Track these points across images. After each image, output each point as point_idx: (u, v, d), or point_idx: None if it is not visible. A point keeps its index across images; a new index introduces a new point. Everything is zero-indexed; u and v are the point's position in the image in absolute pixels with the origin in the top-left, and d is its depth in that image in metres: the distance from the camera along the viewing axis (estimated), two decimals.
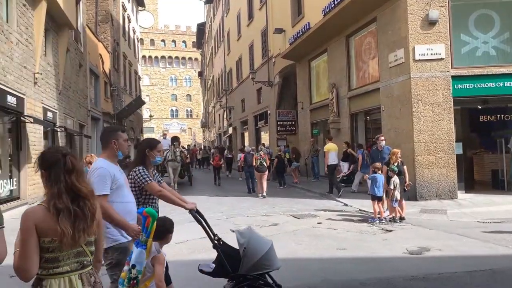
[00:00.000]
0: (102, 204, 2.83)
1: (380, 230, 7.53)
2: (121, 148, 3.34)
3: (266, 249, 3.21)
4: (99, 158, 3.33)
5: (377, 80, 12.04)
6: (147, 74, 70.12)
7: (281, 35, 18.89)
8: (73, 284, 1.95)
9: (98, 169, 3.15)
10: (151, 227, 2.89)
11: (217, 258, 3.40)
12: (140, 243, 2.89)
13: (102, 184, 3.05)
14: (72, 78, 16.52)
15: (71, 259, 1.97)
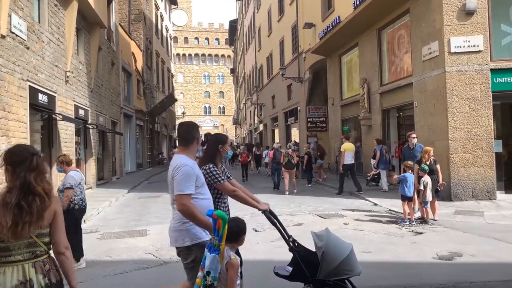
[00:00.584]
0: (185, 203, 2.88)
1: (410, 232, 7.16)
2: (198, 145, 3.23)
3: (346, 253, 3.04)
4: (181, 155, 3.12)
5: (410, 75, 11.52)
6: (181, 72, 71.24)
7: (311, 30, 18.54)
8: (26, 272, 2.10)
9: (183, 167, 2.97)
10: (222, 231, 2.71)
11: (293, 261, 3.23)
12: (212, 248, 2.75)
13: (187, 183, 2.94)
14: (104, 76, 16.88)
15: (22, 249, 2.12)
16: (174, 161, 3.09)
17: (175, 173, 2.97)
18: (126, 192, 14.04)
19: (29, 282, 2.09)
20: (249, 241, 6.68)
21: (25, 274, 2.10)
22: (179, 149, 3.24)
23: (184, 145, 3.19)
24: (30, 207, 2.10)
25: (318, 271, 2.98)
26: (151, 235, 7.34)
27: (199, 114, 72.16)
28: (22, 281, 2.08)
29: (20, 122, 8.74)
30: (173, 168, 3.02)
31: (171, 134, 40.14)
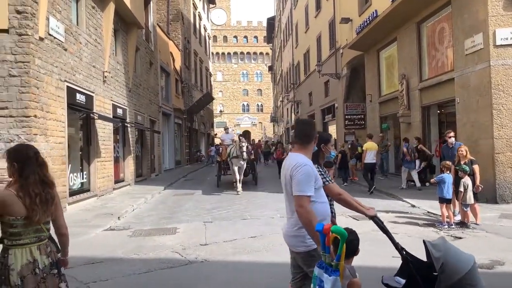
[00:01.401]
0: (304, 205, 2.70)
1: (448, 237, 6.74)
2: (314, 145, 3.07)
3: (469, 266, 2.69)
4: (298, 154, 2.91)
5: (452, 70, 10.92)
6: (220, 71, 71.97)
7: (348, 25, 18.08)
8: (33, 253, 2.48)
9: (303, 166, 2.78)
10: (341, 249, 2.40)
11: (403, 272, 2.94)
12: (330, 269, 2.43)
13: (307, 183, 2.74)
14: (142, 76, 17.27)
15: (31, 234, 2.49)
16: (290, 160, 2.90)
17: (295, 172, 2.77)
18: (162, 189, 14.30)
19: (35, 262, 2.47)
20: (277, 242, 6.55)
21: (32, 255, 2.48)
22: (295, 148, 3.03)
23: (302, 143, 2.97)
24: (46, 197, 2.53)
25: (436, 285, 2.65)
26: (179, 233, 7.38)
27: (238, 112, 72.63)
28: (30, 261, 2.46)
29: (58, 121, 9.07)
30: (291, 167, 2.82)
31: (209, 132, 40.64)
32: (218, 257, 5.79)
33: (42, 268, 2.48)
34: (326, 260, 2.48)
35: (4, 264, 2.44)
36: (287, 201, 2.92)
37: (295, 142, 3.03)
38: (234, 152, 13.27)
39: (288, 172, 2.85)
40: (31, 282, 2.42)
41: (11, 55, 7.85)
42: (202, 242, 6.64)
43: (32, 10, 8.03)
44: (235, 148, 13.35)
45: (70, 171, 10.14)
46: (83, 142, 11.33)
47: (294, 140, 3.02)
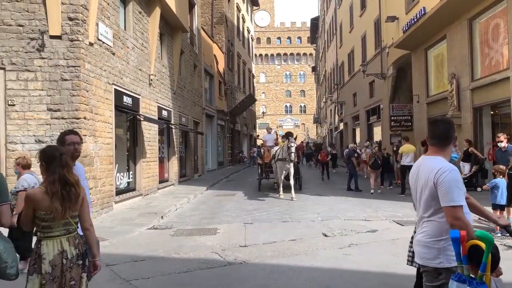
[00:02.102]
0: (460, 217, 2.40)
1: (501, 246, 6.33)
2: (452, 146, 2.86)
3: None
4: (438, 158, 2.63)
5: (507, 68, 10.28)
6: (263, 72, 72.31)
7: (394, 23, 17.52)
8: (63, 244, 2.71)
9: (451, 171, 2.48)
10: (486, 257, 2.14)
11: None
12: (475, 282, 2.18)
13: (458, 192, 2.44)
14: (187, 79, 17.67)
15: (60, 227, 2.72)
16: (430, 165, 2.61)
17: (441, 178, 2.47)
18: (205, 189, 14.54)
19: (64, 252, 2.70)
20: (316, 246, 6.47)
21: (62, 246, 2.70)
22: (430, 150, 2.74)
23: (441, 145, 2.68)
24: (69, 195, 2.72)
25: None
26: (220, 234, 7.45)
27: (280, 113, 72.62)
28: (60, 251, 2.69)
29: (106, 123, 9.45)
30: (435, 172, 2.52)
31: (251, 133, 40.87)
32: (257, 259, 5.77)
33: (70, 258, 2.71)
34: (465, 272, 2.23)
35: (38, 254, 2.69)
36: (421, 208, 2.65)
37: (431, 144, 2.74)
38: (280, 154, 12.05)
39: (430, 177, 2.56)
40: (58, 271, 2.66)
41: (64, 60, 8.27)
42: (241, 244, 6.65)
43: (83, 16, 8.42)
44: (281, 150, 12.15)
45: (117, 170, 10.53)
46: (129, 143, 11.74)
47: (431, 141, 2.74)
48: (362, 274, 5.08)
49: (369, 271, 5.15)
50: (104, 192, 9.30)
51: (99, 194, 9.01)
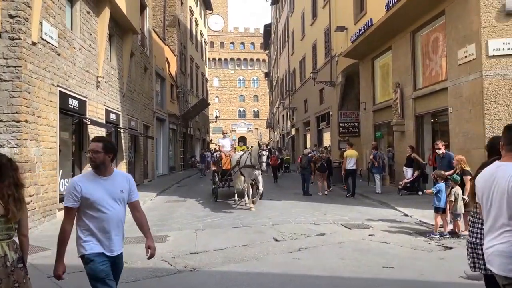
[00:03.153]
0: None
1: (439, 246, 6.73)
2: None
3: None
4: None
5: (445, 79, 10.99)
6: (217, 76, 72.16)
7: (343, 33, 18.18)
8: (3, 248, 2.72)
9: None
10: None
11: None
12: None
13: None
14: (137, 81, 17.24)
15: (3, 231, 2.73)
16: (507, 170, 2.47)
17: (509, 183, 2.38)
18: (155, 195, 14.21)
19: (5, 256, 2.71)
20: (267, 251, 6.53)
21: (4, 250, 2.72)
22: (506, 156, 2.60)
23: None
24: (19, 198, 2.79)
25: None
26: (170, 241, 7.32)
27: (234, 117, 72.73)
28: (1, 255, 2.70)
29: (49, 126, 9.00)
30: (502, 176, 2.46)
31: (204, 138, 40.55)
32: (208, 266, 5.73)
33: (11, 262, 2.73)
34: None
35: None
36: (501, 216, 2.50)
37: (508, 150, 2.62)
38: (248, 160, 10.91)
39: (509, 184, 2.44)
40: (2, 274, 2.68)
41: (3, 59, 7.78)
42: (192, 251, 6.58)
43: (25, 14, 7.99)
44: (249, 156, 11.00)
45: (61, 176, 10.04)
46: (75, 147, 11.25)
47: (508, 147, 2.61)
48: (313, 278, 5.19)
49: (319, 275, 5.27)
50: (47, 199, 8.84)
51: (41, 201, 8.55)
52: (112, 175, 3.09)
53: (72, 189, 2.93)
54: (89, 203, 2.95)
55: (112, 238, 3.03)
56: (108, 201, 3.00)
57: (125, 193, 3.14)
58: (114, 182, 3.07)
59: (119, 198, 3.07)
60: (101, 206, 2.97)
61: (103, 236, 3.01)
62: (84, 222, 3.00)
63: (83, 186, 2.94)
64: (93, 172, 3.06)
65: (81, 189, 2.93)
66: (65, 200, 2.96)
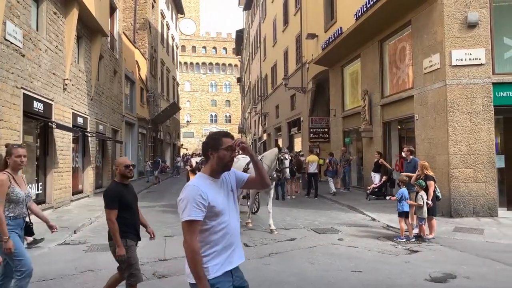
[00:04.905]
0: None
1: (405, 250, 6.91)
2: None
3: None
4: None
5: (411, 87, 11.34)
6: (188, 80, 71.57)
7: (314, 40, 18.45)
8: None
9: None
10: None
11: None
12: None
13: None
14: (105, 84, 16.87)
15: None
16: None
17: None
18: None
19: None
20: None
21: None
22: None
23: None
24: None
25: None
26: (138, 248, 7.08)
27: (205, 122, 72.28)
28: None
29: (12, 130, 8.66)
30: None
31: (175, 142, 40.08)
32: (177, 273, 5.64)
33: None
34: None
35: None
36: None
37: None
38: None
39: None
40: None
41: None
42: (161, 258, 6.47)
43: None
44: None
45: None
46: (39, 152, 10.87)
47: None
48: (282, 283, 5.20)
49: (288, 280, 5.29)
50: None
51: None
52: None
53: (198, 197, 2.33)
54: (214, 212, 2.41)
55: (235, 250, 2.55)
56: (228, 207, 2.52)
57: (234, 190, 2.63)
58: (223, 183, 2.58)
59: (233, 201, 2.61)
60: (224, 215, 2.47)
61: (226, 252, 2.49)
62: (204, 237, 2.43)
63: (208, 193, 2.39)
64: (205, 174, 2.51)
65: (207, 196, 2.37)
66: (187, 212, 2.32)
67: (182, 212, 2.35)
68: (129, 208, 4.01)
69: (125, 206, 3.97)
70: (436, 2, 10.00)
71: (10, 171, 3.90)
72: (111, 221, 3.88)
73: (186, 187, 2.42)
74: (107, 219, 3.92)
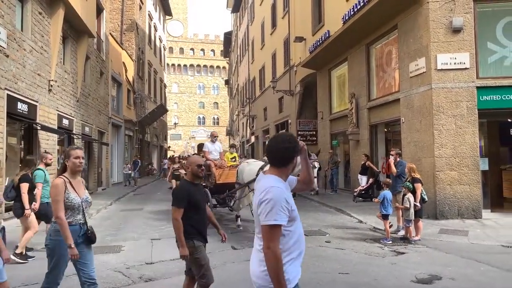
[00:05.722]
0: None
1: (391, 252, 6.97)
2: None
3: None
4: None
5: (397, 91, 11.46)
6: (176, 82, 71.24)
7: (301, 43, 18.55)
8: None
9: None
10: None
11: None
12: None
13: None
14: (92, 86, 16.69)
15: None
16: None
17: None
18: (109, 204, 13.74)
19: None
20: (226, 259, 6.48)
21: None
22: None
23: None
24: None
25: None
26: (124, 252, 7.09)
27: (193, 124, 71.99)
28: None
29: None
30: None
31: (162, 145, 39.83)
32: (164, 276, 5.60)
33: None
34: None
35: None
36: None
37: None
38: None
39: None
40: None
41: None
42: (147, 261, 6.41)
43: None
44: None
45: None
46: (23, 154, 10.68)
47: None
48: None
49: None
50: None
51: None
52: None
53: (284, 201, 2.19)
54: (293, 217, 2.29)
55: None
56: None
57: None
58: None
59: None
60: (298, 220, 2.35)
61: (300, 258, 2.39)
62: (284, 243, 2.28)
63: (289, 197, 2.25)
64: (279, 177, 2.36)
65: (290, 200, 2.25)
66: (273, 216, 2.14)
67: (267, 215, 2.16)
68: (197, 208, 3.90)
69: (194, 206, 3.86)
70: (422, 7, 10.15)
71: (68, 176, 3.71)
72: (176, 220, 3.76)
73: (271, 189, 2.20)
74: (173, 218, 3.79)
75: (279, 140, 2.40)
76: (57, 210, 3.54)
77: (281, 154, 2.36)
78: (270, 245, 2.14)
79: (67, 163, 3.72)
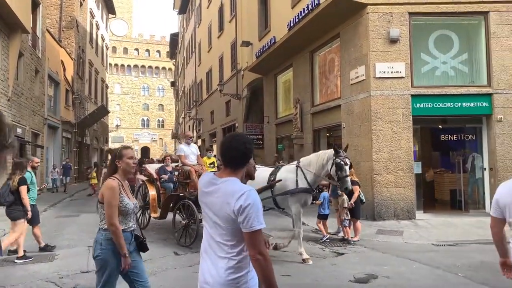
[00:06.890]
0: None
1: (332, 253, 7.18)
2: None
3: None
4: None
5: (339, 97, 11.87)
6: (119, 83, 68.90)
7: (248, 48, 18.66)
8: None
9: None
10: None
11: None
12: None
13: None
14: (25, 84, 15.68)
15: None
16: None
17: None
18: (43, 210, 12.90)
19: None
20: (167, 266, 6.32)
21: None
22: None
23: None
24: None
25: None
26: (58, 260, 6.69)
27: (136, 126, 69.90)
28: None
29: None
30: None
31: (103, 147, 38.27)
32: None
33: None
34: None
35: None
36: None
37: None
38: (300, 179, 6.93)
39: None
40: None
41: None
42: (83, 269, 6.08)
43: None
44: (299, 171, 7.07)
45: None
46: None
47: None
48: None
49: None
50: None
51: None
52: None
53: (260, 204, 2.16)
54: None
55: None
56: None
57: None
58: None
59: None
60: None
61: None
62: None
63: None
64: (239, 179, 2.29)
65: None
66: (260, 219, 2.06)
67: (253, 220, 2.02)
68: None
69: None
70: (362, 17, 10.60)
71: (120, 178, 3.36)
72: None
73: (249, 192, 2.09)
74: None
75: (240, 140, 2.26)
76: (112, 216, 3.21)
77: (242, 155, 2.25)
78: (262, 250, 2.05)
79: (118, 164, 3.37)
